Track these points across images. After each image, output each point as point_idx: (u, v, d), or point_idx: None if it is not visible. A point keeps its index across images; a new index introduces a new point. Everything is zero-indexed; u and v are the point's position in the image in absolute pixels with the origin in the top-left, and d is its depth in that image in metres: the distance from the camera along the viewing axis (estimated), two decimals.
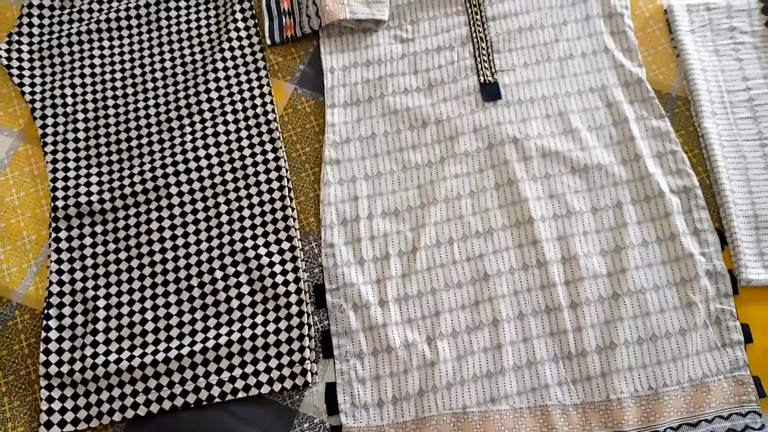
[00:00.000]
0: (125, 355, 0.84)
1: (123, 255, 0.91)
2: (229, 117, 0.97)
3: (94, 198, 0.93)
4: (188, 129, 0.97)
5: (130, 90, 1.00)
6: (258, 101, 0.98)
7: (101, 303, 0.88)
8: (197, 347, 0.84)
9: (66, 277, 0.89)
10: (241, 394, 0.83)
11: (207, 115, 0.97)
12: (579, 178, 0.92)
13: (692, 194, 0.89)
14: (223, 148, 0.95)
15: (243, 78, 1.00)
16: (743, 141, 0.93)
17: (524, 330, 0.85)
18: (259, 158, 0.95)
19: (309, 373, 0.83)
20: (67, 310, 0.88)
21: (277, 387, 0.83)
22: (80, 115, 0.98)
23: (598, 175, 0.92)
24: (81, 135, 0.97)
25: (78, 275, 0.90)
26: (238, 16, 1.03)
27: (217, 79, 0.99)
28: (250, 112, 0.97)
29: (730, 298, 0.84)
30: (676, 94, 0.97)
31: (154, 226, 0.92)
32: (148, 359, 0.84)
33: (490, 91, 0.97)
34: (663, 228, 0.88)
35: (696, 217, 0.88)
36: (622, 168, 0.92)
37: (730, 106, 0.95)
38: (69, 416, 0.82)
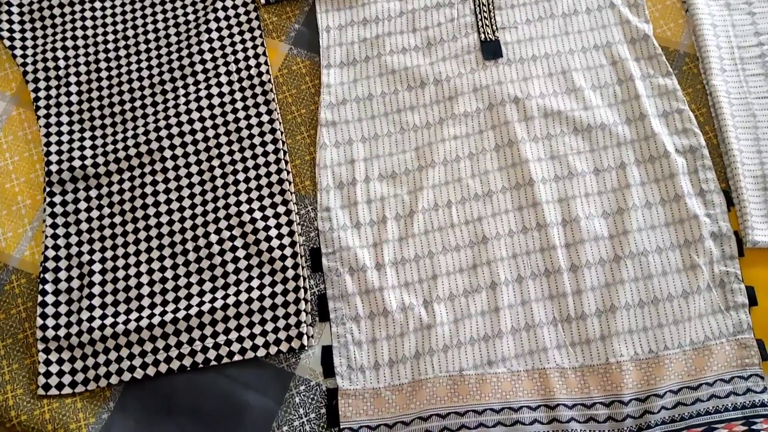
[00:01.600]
0: (121, 318, 0.84)
1: (118, 219, 0.90)
2: (223, 79, 0.95)
3: (88, 162, 0.92)
4: (182, 91, 0.95)
5: (122, 52, 0.98)
6: (252, 62, 0.96)
7: (96, 267, 0.87)
8: (193, 311, 0.84)
9: (61, 242, 0.89)
10: (237, 357, 0.82)
11: (200, 77, 0.95)
12: (582, 138, 0.89)
13: (698, 154, 0.87)
14: (217, 111, 0.93)
15: (237, 38, 0.97)
16: (753, 99, 0.89)
17: (523, 293, 0.83)
18: (254, 120, 0.93)
19: (305, 336, 0.83)
20: (63, 275, 0.87)
21: (273, 350, 0.83)
22: (73, 78, 0.97)
23: (602, 135, 0.89)
24: (74, 98, 0.96)
25: (73, 239, 0.89)
26: None
27: (210, 40, 0.97)
28: (244, 74, 0.95)
29: (735, 261, 0.82)
30: (684, 50, 0.94)
31: (149, 189, 0.91)
32: (143, 323, 0.83)
33: (490, 49, 0.94)
34: (667, 189, 0.86)
35: (702, 177, 0.86)
36: (627, 127, 0.89)
37: (741, 62, 0.91)
38: (66, 379, 0.83)
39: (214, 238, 0.87)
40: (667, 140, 0.87)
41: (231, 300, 0.84)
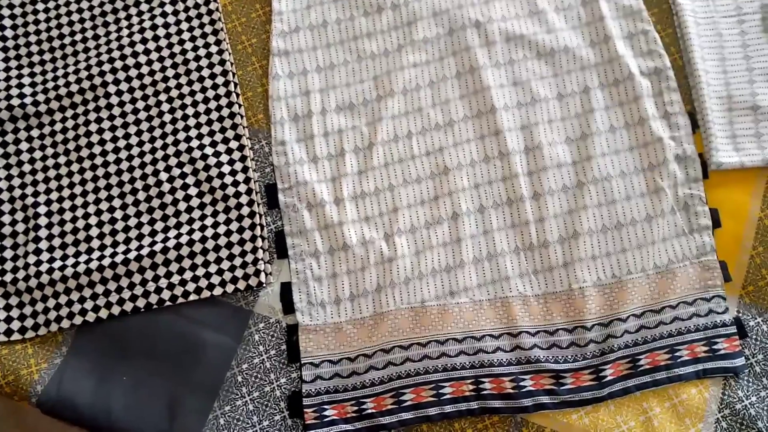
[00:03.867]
0: (70, 261, 0.81)
1: (62, 159, 0.85)
2: (168, 8, 0.89)
3: (28, 100, 0.87)
4: (124, 23, 0.89)
5: None
6: None
7: (42, 209, 0.83)
8: (145, 251, 0.81)
9: (3, 184, 0.85)
10: (192, 297, 0.80)
11: (144, 6, 0.90)
12: (545, 62, 0.86)
13: (663, 76, 0.84)
14: (163, 42, 0.88)
15: None
16: (720, 18, 0.86)
17: (485, 223, 0.81)
18: (202, 52, 0.88)
19: (263, 273, 0.80)
20: (6, 218, 0.83)
21: (230, 288, 0.80)
22: (6, 11, 0.90)
23: (565, 59, 0.86)
24: (9, 33, 0.90)
25: (16, 182, 0.85)
26: None
27: None
28: (190, 2, 0.90)
29: (699, 183, 0.81)
30: None
31: (93, 127, 0.86)
32: (93, 265, 0.80)
33: None
34: (632, 112, 0.83)
35: (667, 99, 0.83)
36: (591, 50, 0.86)
37: None
38: (15, 325, 0.80)
39: (164, 176, 0.84)
40: (631, 62, 0.85)
41: (184, 239, 0.81)
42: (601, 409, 0.76)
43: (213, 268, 0.80)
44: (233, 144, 0.85)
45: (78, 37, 0.90)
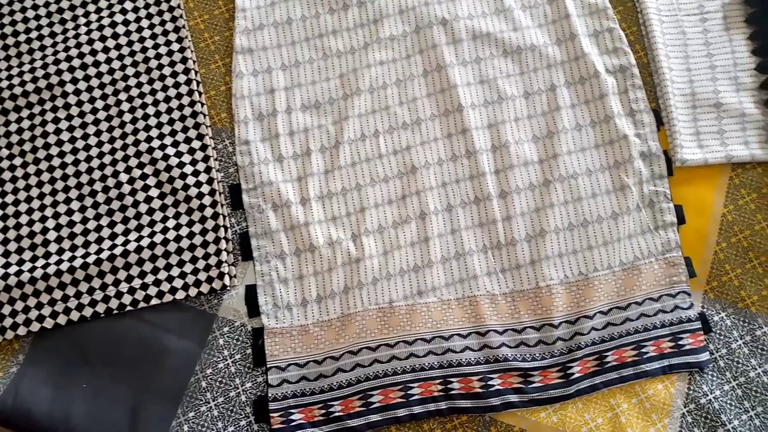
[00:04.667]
0: (26, 266, 0.78)
1: (18, 160, 0.83)
2: (127, 5, 0.87)
3: None
4: (82, 20, 0.87)
5: None
6: None
7: None
8: (104, 255, 0.78)
9: None
10: (154, 301, 0.78)
11: (102, 3, 0.87)
12: (511, 60, 0.86)
13: (629, 73, 0.84)
14: (123, 40, 0.86)
15: None
16: (683, 16, 0.87)
17: (453, 222, 0.81)
18: (163, 50, 0.86)
19: (227, 276, 0.79)
20: None
21: (193, 292, 0.78)
22: None
23: (532, 57, 0.86)
24: None
25: None
26: None
27: None
28: None
29: (664, 180, 0.81)
30: None
31: (51, 128, 0.83)
32: (51, 269, 0.78)
33: None
34: (597, 110, 0.83)
35: (632, 97, 0.84)
36: (557, 48, 0.86)
37: None
38: None
39: (124, 177, 0.81)
40: (597, 60, 0.85)
41: (145, 242, 0.79)
42: (569, 406, 0.76)
43: (175, 272, 0.79)
44: (196, 144, 0.83)
45: (34, 35, 0.87)
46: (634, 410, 0.76)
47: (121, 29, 0.86)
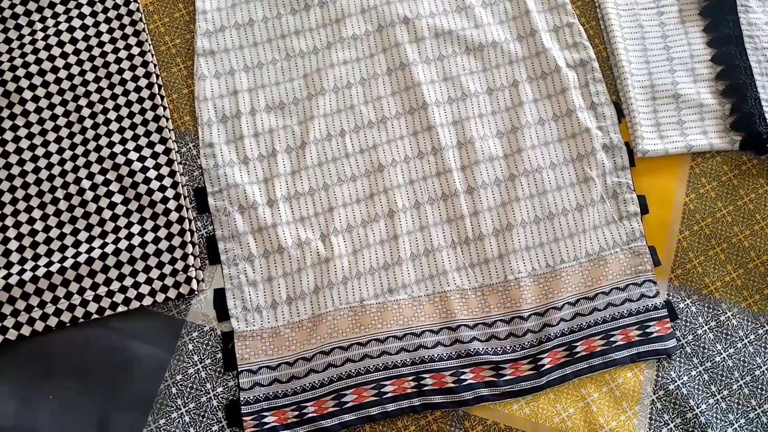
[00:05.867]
0: None
1: None
2: (85, 9, 0.86)
3: None
4: (38, 25, 0.85)
5: None
6: None
7: None
8: (68, 263, 0.77)
9: None
10: (121, 309, 0.77)
11: (59, 8, 0.86)
12: (474, 57, 0.87)
13: (589, 67, 0.86)
14: (81, 45, 0.84)
15: None
16: (640, 9, 0.89)
17: (421, 219, 0.81)
18: (123, 53, 0.84)
19: (194, 280, 0.78)
20: None
21: (160, 298, 0.77)
22: None
23: (494, 54, 0.87)
24: None
25: None
26: None
27: None
28: (108, 2, 0.86)
29: (626, 171, 0.83)
30: None
31: (9, 135, 0.82)
32: (13, 280, 0.76)
33: None
34: (560, 104, 0.85)
35: (593, 90, 0.85)
36: (518, 44, 0.87)
37: None
38: None
39: (86, 183, 0.80)
40: (558, 55, 0.86)
41: (110, 248, 0.78)
42: (541, 398, 0.76)
43: (142, 278, 0.77)
44: (159, 148, 0.82)
45: None
46: (604, 399, 0.76)
47: (79, 34, 0.85)
